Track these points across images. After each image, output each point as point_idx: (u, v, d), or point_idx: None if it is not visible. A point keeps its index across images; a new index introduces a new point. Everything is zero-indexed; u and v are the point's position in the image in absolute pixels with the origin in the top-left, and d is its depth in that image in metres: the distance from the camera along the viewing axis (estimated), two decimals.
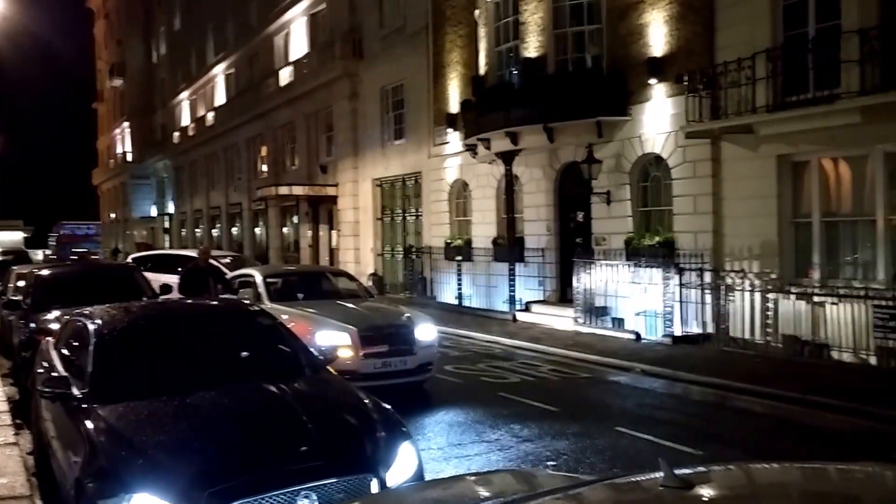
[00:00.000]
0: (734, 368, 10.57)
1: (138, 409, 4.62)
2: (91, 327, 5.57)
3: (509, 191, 17.75)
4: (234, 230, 38.02)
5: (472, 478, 3.66)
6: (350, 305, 10.38)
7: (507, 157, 17.19)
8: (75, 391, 4.98)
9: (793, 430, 7.97)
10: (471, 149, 18.53)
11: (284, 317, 8.42)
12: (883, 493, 2.26)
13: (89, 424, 4.53)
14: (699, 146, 13.71)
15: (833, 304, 11.38)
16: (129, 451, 4.19)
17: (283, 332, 6.11)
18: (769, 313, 12.20)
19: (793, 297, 11.97)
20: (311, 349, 5.98)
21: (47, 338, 6.94)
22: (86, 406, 4.74)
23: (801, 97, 11.76)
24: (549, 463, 6.57)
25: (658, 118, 14.62)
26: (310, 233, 29.18)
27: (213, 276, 11.61)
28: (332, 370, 5.89)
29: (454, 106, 20.20)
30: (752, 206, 13.00)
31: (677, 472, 2.18)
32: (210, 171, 40.69)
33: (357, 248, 26.00)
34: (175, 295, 11.53)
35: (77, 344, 5.74)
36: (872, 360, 10.70)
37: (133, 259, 22.50)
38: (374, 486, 4.12)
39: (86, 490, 4.05)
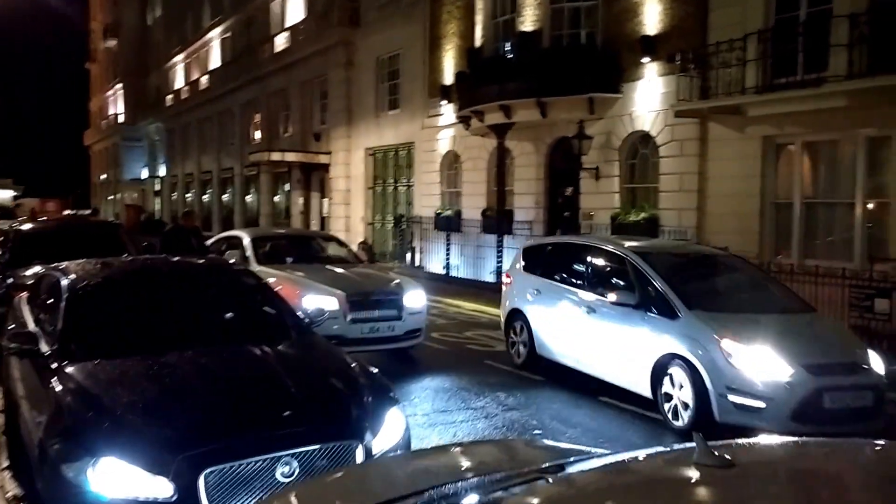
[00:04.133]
0: None
1: (109, 369, 4.34)
2: (64, 282, 5.23)
3: (500, 164, 17.89)
4: (226, 196, 37.98)
5: (476, 447, 3.46)
6: (339, 270, 10.47)
7: (500, 131, 17.30)
8: (44, 347, 4.71)
9: None
10: (464, 121, 18.62)
11: (272, 279, 8.53)
12: None
13: (56, 383, 4.24)
14: (687, 125, 13.89)
15: (810, 283, 11.60)
16: (96, 412, 3.90)
17: (269, 294, 5.85)
18: None
19: (771, 275, 12.20)
20: (298, 312, 5.81)
21: (21, 293, 6.62)
22: (54, 364, 4.45)
23: (790, 80, 11.93)
24: (535, 432, 6.68)
25: (649, 96, 14.76)
26: (301, 200, 29.24)
27: (195, 236, 11.65)
28: (318, 334, 5.69)
29: (449, 77, 20.23)
30: (736, 185, 13.22)
31: (712, 445, 1.94)
32: (202, 136, 40.53)
33: (348, 217, 26.13)
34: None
35: (49, 299, 5.40)
36: None
37: None
38: (360, 454, 3.93)
39: (49, 453, 3.79)
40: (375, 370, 4.88)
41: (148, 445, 3.65)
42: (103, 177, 61.70)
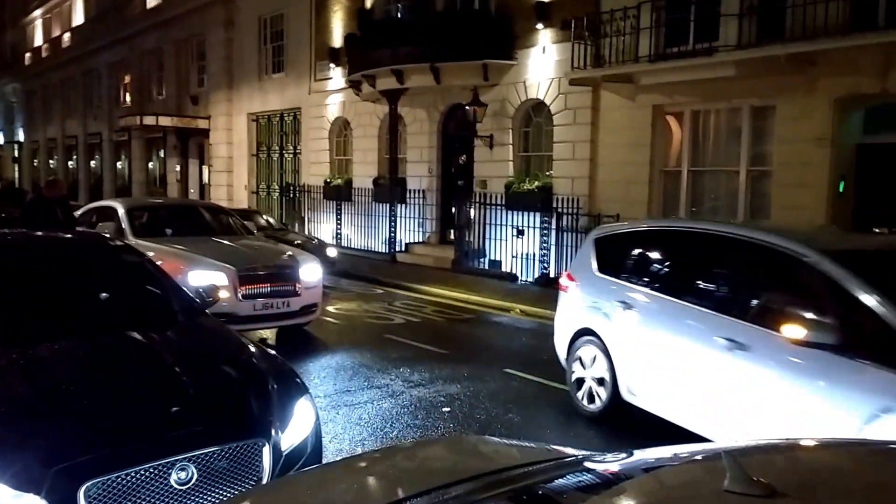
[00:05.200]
0: None
1: None
2: None
3: (393, 131, 17.44)
4: (93, 163, 35.45)
5: (421, 450, 2.95)
6: (226, 243, 9.80)
7: (392, 96, 16.81)
8: None
9: None
10: (354, 86, 17.97)
11: (151, 254, 7.82)
12: None
13: None
14: (581, 94, 13.92)
15: None
16: None
17: (152, 272, 5.19)
18: None
19: None
20: (186, 291, 5.19)
21: None
22: None
23: (682, 49, 12.11)
24: (444, 409, 6.47)
25: (543, 64, 14.67)
26: (178, 168, 27.64)
27: (62, 207, 10.55)
28: (210, 315, 5.13)
29: (338, 40, 19.45)
30: (627, 154, 13.42)
31: (741, 461, 1.54)
32: (66, 98, 37.49)
33: (230, 185, 24.92)
34: None
35: None
36: None
37: None
38: (267, 454, 3.47)
39: None
40: (279, 356, 4.41)
41: (14, 458, 3.06)
42: None
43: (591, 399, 6.25)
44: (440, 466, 2.28)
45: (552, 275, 13.75)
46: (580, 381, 6.40)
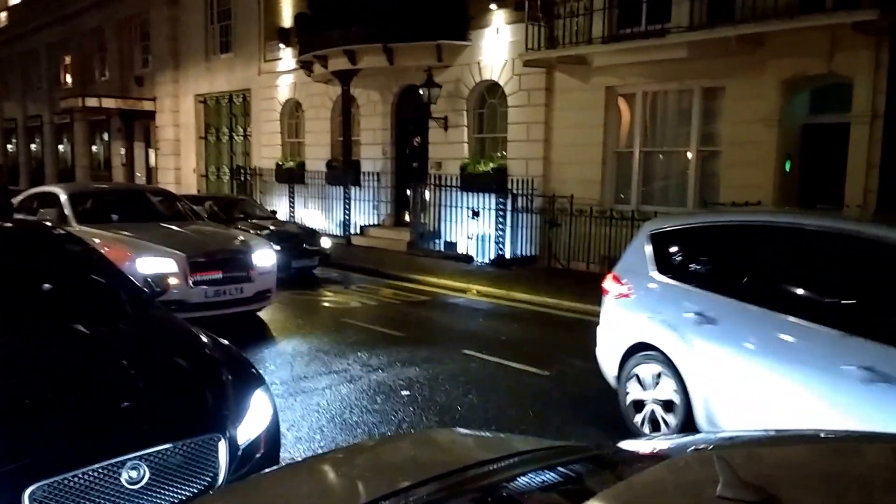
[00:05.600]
0: (562, 287, 11.10)
1: None
2: None
3: (346, 112, 17.19)
4: (34, 146, 34.22)
5: (390, 444, 2.83)
6: (175, 228, 9.51)
7: (345, 77, 16.55)
8: None
9: None
10: (305, 66, 17.64)
11: (96, 241, 7.56)
12: None
13: None
14: (535, 75, 13.89)
15: None
16: None
17: (98, 261, 4.98)
18: (592, 237, 12.89)
19: (613, 221, 12.63)
20: (134, 280, 4.97)
21: None
22: None
23: (634, 30, 12.16)
24: (403, 393, 6.41)
25: (497, 45, 14.59)
26: (123, 151, 26.87)
27: (1, 193, 10.13)
28: (160, 306, 4.96)
29: (287, 20, 19.04)
30: (581, 135, 13.47)
31: (729, 459, 1.46)
32: (3, 79, 36.03)
33: (178, 168, 24.32)
34: None
35: None
36: None
37: None
38: (223, 449, 3.32)
39: None
40: (233, 346, 4.21)
41: None
42: None
43: (656, 426, 5.15)
44: (406, 465, 2.19)
45: (507, 256, 13.82)
46: (639, 404, 5.31)
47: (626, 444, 2.07)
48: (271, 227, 12.87)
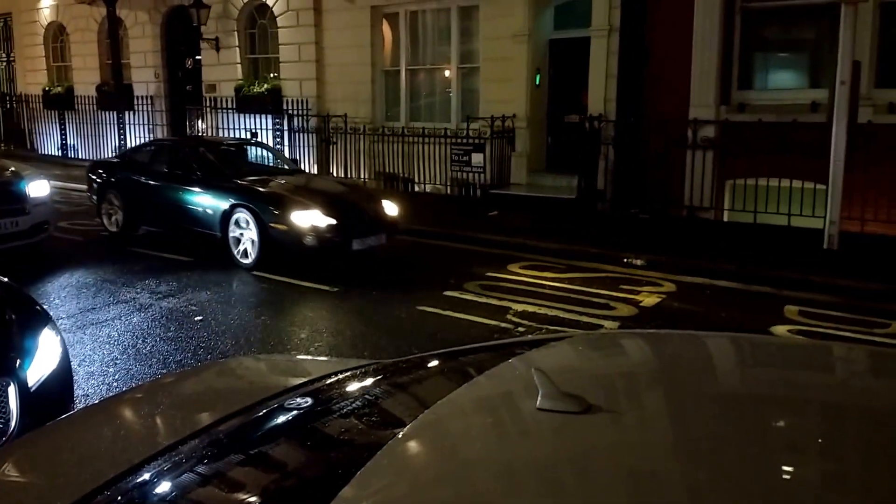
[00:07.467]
0: None
1: None
2: None
3: (113, 35, 16.44)
4: None
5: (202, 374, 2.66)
6: None
7: None
8: None
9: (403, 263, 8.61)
10: None
11: None
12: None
13: None
14: None
15: (418, 143, 12.87)
16: None
17: None
18: (365, 153, 13.56)
19: (385, 138, 13.34)
20: None
21: None
22: None
23: None
24: (196, 318, 6.30)
25: None
26: None
27: None
28: None
29: None
30: (350, 55, 13.97)
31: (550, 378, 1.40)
32: None
33: None
34: None
35: None
36: (447, 191, 12.53)
37: None
38: (13, 393, 3.08)
39: None
40: (12, 283, 3.91)
41: None
42: None
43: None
44: (210, 399, 2.14)
45: None
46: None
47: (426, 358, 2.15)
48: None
